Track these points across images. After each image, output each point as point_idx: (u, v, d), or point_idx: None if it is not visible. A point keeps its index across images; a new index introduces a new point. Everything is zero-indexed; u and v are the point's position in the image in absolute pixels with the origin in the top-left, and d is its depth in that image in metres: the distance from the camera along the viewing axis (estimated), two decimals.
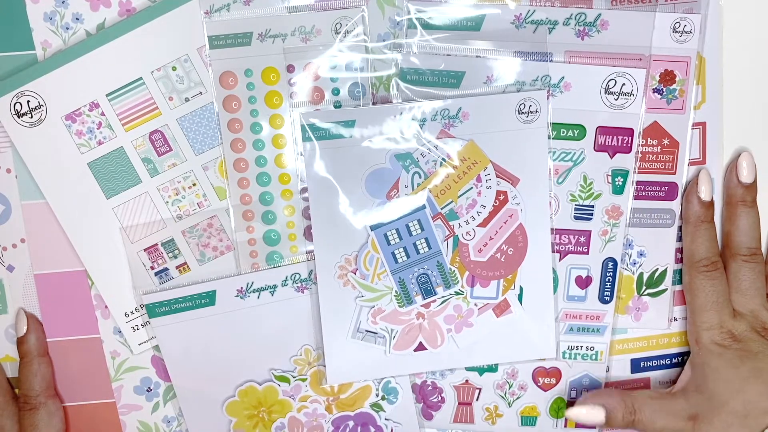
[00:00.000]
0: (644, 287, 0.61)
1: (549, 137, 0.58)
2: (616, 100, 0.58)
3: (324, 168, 0.58)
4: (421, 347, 0.60)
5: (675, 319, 0.62)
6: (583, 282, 0.61)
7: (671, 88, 0.59)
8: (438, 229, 0.59)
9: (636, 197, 0.60)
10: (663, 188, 0.60)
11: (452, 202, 0.59)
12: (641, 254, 0.61)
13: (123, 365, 0.62)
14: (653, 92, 0.59)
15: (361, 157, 0.58)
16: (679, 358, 0.63)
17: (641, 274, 0.61)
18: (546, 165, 0.59)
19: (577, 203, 0.60)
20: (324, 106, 0.59)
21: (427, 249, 0.59)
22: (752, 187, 0.59)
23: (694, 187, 0.59)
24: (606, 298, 0.61)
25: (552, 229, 0.60)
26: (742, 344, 0.57)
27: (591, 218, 0.60)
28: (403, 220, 0.59)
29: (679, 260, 0.61)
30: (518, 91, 0.58)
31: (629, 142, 0.59)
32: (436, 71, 0.58)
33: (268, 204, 0.60)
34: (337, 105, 0.59)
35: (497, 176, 0.59)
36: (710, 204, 0.59)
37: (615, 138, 0.59)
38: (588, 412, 0.59)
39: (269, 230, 0.60)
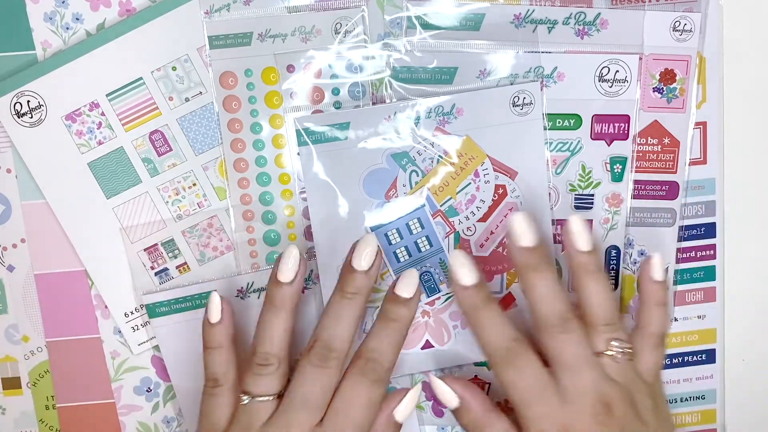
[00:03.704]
0: None
1: (544, 128, 0.58)
2: (611, 87, 0.58)
3: (321, 171, 0.58)
4: (428, 345, 0.60)
5: (675, 320, 0.62)
6: None
7: (671, 87, 0.59)
8: (438, 227, 0.59)
9: (636, 196, 0.60)
10: (663, 187, 0.60)
11: (451, 198, 0.59)
12: (642, 253, 0.61)
13: (123, 365, 0.62)
14: (653, 91, 0.59)
15: (358, 159, 0.58)
16: (680, 358, 0.63)
17: None
18: (543, 156, 0.59)
19: (576, 193, 0.60)
20: (324, 106, 0.59)
21: (428, 247, 0.59)
22: (533, 250, 0.52)
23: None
24: (610, 286, 0.60)
25: (553, 220, 0.60)
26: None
27: (591, 207, 0.60)
28: (403, 219, 0.59)
29: (680, 260, 0.61)
30: (512, 84, 0.58)
31: (626, 128, 0.59)
32: (428, 68, 0.58)
33: (268, 204, 0.60)
34: (337, 105, 0.59)
35: (495, 170, 0.59)
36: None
37: (611, 125, 0.59)
38: (444, 391, 0.54)
39: (269, 230, 0.60)
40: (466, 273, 0.52)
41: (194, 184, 0.60)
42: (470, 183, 0.59)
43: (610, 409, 0.50)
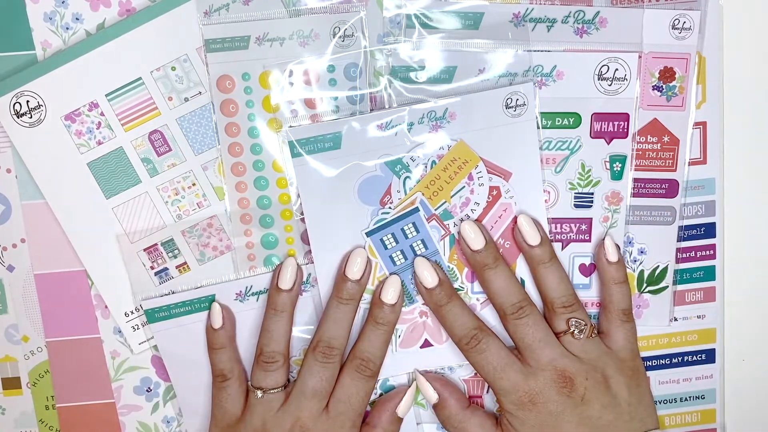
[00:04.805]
0: (645, 285, 0.61)
1: (538, 127, 0.58)
2: (610, 85, 0.58)
3: (316, 180, 0.58)
4: (427, 344, 0.60)
5: (675, 319, 0.62)
6: (587, 270, 0.61)
7: (671, 85, 0.59)
8: (434, 230, 0.59)
9: (636, 194, 0.60)
10: (663, 185, 0.60)
11: (446, 202, 0.59)
12: (642, 251, 0.61)
13: (123, 365, 0.62)
14: (653, 89, 0.59)
15: (352, 167, 0.58)
16: (680, 358, 0.63)
17: (642, 271, 0.61)
18: (537, 156, 0.58)
19: (576, 191, 0.60)
20: (322, 110, 0.59)
21: (424, 250, 0.59)
22: (484, 250, 0.57)
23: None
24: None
25: (548, 219, 0.59)
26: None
27: (591, 206, 0.60)
28: (398, 224, 0.59)
29: (680, 259, 0.61)
30: (510, 84, 0.58)
31: (625, 127, 0.59)
32: (427, 68, 0.58)
33: (266, 208, 0.60)
34: (335, 109, 0.59)
35: (489, 172, 0.59)
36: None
37: (611, 124, 0.59)
38: (425, 387, 0.60)
39: (267, 234, 0.60)
40: (427, 276, 0.58)
41: (194, 184, 0.60)
42: (464, 186, 0.59)
43: (572, 381, 0.56)
